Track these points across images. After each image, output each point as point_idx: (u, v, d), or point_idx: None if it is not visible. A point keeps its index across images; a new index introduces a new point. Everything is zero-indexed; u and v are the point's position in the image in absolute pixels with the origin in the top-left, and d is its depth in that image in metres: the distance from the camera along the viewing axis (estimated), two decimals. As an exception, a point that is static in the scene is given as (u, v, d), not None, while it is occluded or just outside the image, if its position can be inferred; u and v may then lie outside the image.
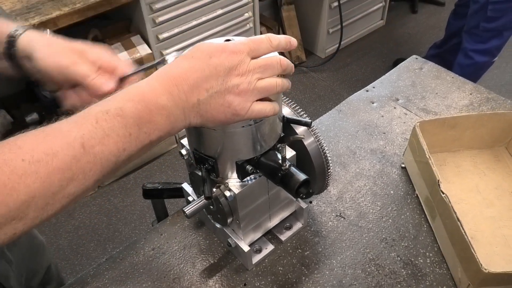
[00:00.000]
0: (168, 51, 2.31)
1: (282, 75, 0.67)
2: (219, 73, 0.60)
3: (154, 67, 0.75)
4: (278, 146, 0.79)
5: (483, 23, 2.41)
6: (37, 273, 1.09)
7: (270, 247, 0.95)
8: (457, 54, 2.60)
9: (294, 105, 0.84)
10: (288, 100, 0.85)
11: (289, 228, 0.98)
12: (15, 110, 2.39)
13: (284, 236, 0.97)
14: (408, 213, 1.01)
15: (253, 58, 0.63)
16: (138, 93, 0.58)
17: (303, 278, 0.90)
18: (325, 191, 0.97)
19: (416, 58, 1.44)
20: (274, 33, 3.14)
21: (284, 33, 3.11)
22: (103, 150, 0.54)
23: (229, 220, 0.85)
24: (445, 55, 2.74)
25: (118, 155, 0.56)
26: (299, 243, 0.96)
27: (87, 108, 0.56)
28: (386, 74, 1.39)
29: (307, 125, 0.80)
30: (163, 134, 0.60)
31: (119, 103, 0.57)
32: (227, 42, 0.64)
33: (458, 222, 0.82)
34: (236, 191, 0.79)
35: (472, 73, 2.52)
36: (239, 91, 0.61)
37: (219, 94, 0.61)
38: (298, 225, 0.98)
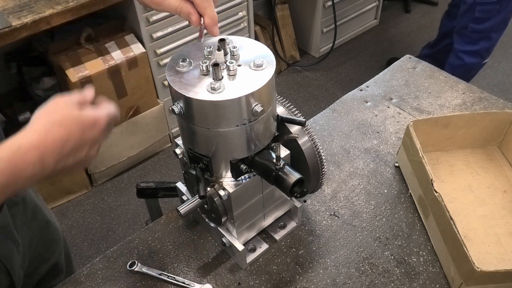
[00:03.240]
0: (162, 50, 2.31)
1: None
2: (87, 145, 0.69)
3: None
4: (272, 145, 0.79)
5: (472, 24, 2.42)
6: (46, 261, 1.07)
7: (265, 246, 0.95)
8: (449, 55, 2.62)
9: (289, 104, 0.85)
10: (282, 99, 0.85)
11: (283, 227, 0.98)
12: (7, 108, 2.37)
13: (278, 235, 0.97)
14: (401, 212, 1.01)
15: None
16: (10, 165, 0.62)
17: (297, 277, 0.91)
18: (319, 190, 0.98)
19: (410, 58, 1.45)
20: (268, 32, 3.13)
21: (278, 32, 3.11)
22: None
23: (223, 219, 0.85)
24: (437, 55, 2.75)
25: None
26: (293, 242, 0.96)
27: None
28: (380, 74, 1.39)
29: (301, 124, 0.80)
30: (18, 191, 0.67)
31: None
32: (94, 115, 0.70)
33: (451, 221, 0.82)
34: (230, 190, 0.79)
35: (463, 74, 2.53)
36: (91, 159, 0.71)
37: (83, 160, 0.69)
38: (292, 224, 0.98)
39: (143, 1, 0.77)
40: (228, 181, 0.81)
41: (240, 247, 0.88)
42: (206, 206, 0.86)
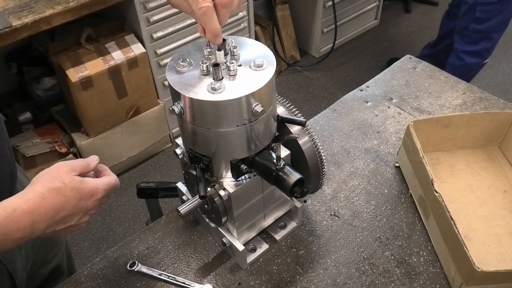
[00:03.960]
0: (162, 50, 2.31)
1: None
2: (81, 212, 0.71)
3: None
4: (272, 145, 0.79)
5: (473, 24, 2.42)
6: (48, 262, 1.07)
7: (265, 246, 0.95)
8: (450, 55, 2.62)
9: (289, 105, 0.85)
10: (282, 100, 0.85)
11: (284, 227, 0.98)
12: (7, 108, 2.37)
13: (278, 235, 0.97)
14: (402, 212, 1.01)
15: None
16: (2, 227, 0.63)
17: (298, 277, 0.91)
18: (319, 190, 0.98)
19: (410, 58, 1.45)
20: (268, 32, 3.12)
21: (278, 32, 3.11)
22: None
23: (223, 220, 0.85)
24: (438, 55, 2.75)
25: None
26: (293, 242, 0.96)
27: None
28: (380, 74, 1.39)
29: (302, 124, 0.80)
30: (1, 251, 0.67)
31: None
32: (93, 185, 0.72)
33: (452, 221, 0.82)
34: (231, 190, 0.79)
35: (463, 74, 2.52)
36: (82, 225, 0.74)
37: (71, 226, 0.71)
38: (292, 224, 0.98)
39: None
40: (228, 181, 0.81)
41: (240, 247, 0.88)
42: (206, 206, 0.86)
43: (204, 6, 0.68)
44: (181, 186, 0.97)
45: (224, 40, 0.74)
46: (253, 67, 0.73)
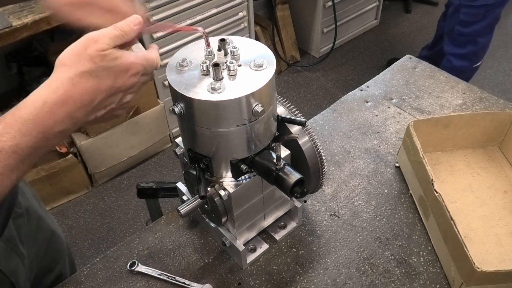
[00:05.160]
0: (162, 50, 2.31)
1: None
2: (119, 92, 0.63)
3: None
4: (272, 145, 0.79)
5: (458, 26, 2.43)
6: (51, 271, 1.06)
7: (265, 246, 0.95)
8: None
9: (289, 105, 0.85)
10: (282, 100, 0.85)
11: (284, 227, 0.98)
12: (7, 109, 2.37)
13: (278, 235, 0.97)
14: (402, 212, 1.01)
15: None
16: (37, 124, 0.57)
17: (298, 277, 0.91)
18: (319, 190, 0.98)
19: (410, 58, 1.45)
20: (268, 32, 3.13)
21: (278, 32, 3.11)
22: None
23: (223, 220, 0.85)
24: (435, 57, 2.74)
25: (8, 184, 0.57)
26: (293, 242, 0.96)
27: None
28: (380, 74, 1.39)
29: (302, 124, 0.80)
30: (52, 149, 0.63)
31: (14, 139, 0.55)
32: (127, 59, 0.62)
33: (451, 221, 0.82)
34: (231, 190, 0.79)
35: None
36: (126, 106, 0.67)
37: (113, 109, 0.64)
38: (292, 224, 0.98)
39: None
40: (228, 181, 0.81)
41: (240, 247, 0.88)
42: (206, 206, 0.86)
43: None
44: (181, 186, 0.97)
45: (224, 40, 0.74)
46: (253, 67, 0.73)
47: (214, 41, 0.75)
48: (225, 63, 0.72)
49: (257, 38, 2.96)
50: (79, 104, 0.59)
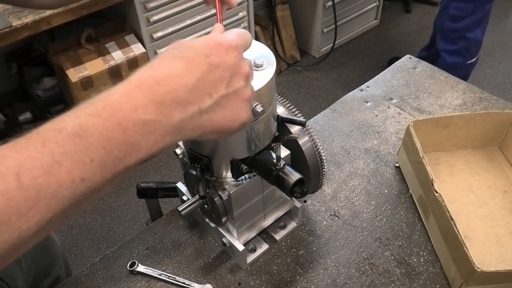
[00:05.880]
0: (162, 50, 2.31)
1: None
2: (223, 73, 0.50)
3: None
4: (272, 145, 0.79)
5: (448, 22, 2.47)
6: (48, 275, 1.06)
7: (265, 247, 0.95)
8: None
9: (289, 105, 0.85)
10: (282, 100, 0.85)
11: (284, 227, 0.98)
12: (7, 109, 2.37)
13: (278, 235, 0.97)
14: (402, 212, 1.01)
15: None
16: (109, 105, 0.44)
17: (298, 277, 0.91)
18: (319, 190, 0.98)
19: (410, 58, 1.45)
20: (268, 32, 3.13)
21: (278, 32, 3.11)
22: (50, 182, 0.40)
23: (223, 220, 0.85)
24: (433, 57, 2.75)
25: (73, 188, 0.42)
26: (293, 242, 0.96)
27: (40, 127, 0.43)
28: (380, 74, 1.39)
29: (302, 124, 0.80)
30: (144, 157, 0.47)
31: (79, 118, 0.43)
32: (214, 37, 0.52)
33: (451, 221, 0.82)
34: (231, 190, 0.79)
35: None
36: (247, 95, 0.53)
37: (226, 99, 0.50)
38: (292, 224, 0.98)
39: None
40: (228, 181, 0.81)
41: (240, 247, 0.88)
42: (206, 206, 0.86)
43: None
44: (181, 186, 0.97)
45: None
46: (253, 67, 0.72)
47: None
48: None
49: (257, 38, 2.96)
50: (164, 86, 0.46)
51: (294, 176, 0.74)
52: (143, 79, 0.46)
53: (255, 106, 0.71)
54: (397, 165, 1.11)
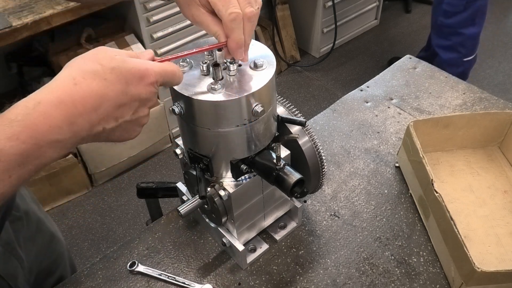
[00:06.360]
0: (162, 50, 2.31)
1: None
2: (133, 102, 0.55)
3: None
4: (272, 145, 0.79)
5: (441, 17, 2.48)
6: (51, 275, 1.06)
7: (265, 247, 0.95)
8: None
9: (289, 105, 0.85)
10: (282, 100, 0.85)
11: (284, 227, 0.98)
12: (5, 109, 2.37)
13: (278, 235, 0.97)
14: (402, 212, 1.01)
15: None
16: (27, 127, 0.47)
17: (298, 277, 0.91)
18: (319, 190, 0.98)
19: (410, 58, 1.45)
20: (268, 32, 3.12)
21: (278, 32, 3.11)
22: None
23: (223, 220, 0.85)
24: (430, 57, 2.75)
25: None
26: (293, 242, 0.96)
27: None
28: (380, 74, 1.39)
29: (302, 124, 0.80)
30: (50, 163, 0.52)
31: None
32: (141, 65, 0.56)
33: (451, 221, 0.82)
34: (231, 190, 0.79)
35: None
36: (145, 121, 0.59)
37: (128, 123, 0.56)
38: (292, 225, 0.98)
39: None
40: (228, 181, 0.81)
41: (240, 247, 0.88)
42: (206, 206, 0.86)
43: (235, 11, 0.62)
44: (181, 186, 0.97)
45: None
46: (253, 67, 0.73)
47: (214, 41, 0.75)
48: (225, 63, 0.72)
49: (257, 38, 2.97)
50: (80, 108, 0.50)
51: (294, 176, 0.74)
52: (62, 98, 0.50)
53: (255, 106, 0.71)
54: (397, 165, 1.11)
